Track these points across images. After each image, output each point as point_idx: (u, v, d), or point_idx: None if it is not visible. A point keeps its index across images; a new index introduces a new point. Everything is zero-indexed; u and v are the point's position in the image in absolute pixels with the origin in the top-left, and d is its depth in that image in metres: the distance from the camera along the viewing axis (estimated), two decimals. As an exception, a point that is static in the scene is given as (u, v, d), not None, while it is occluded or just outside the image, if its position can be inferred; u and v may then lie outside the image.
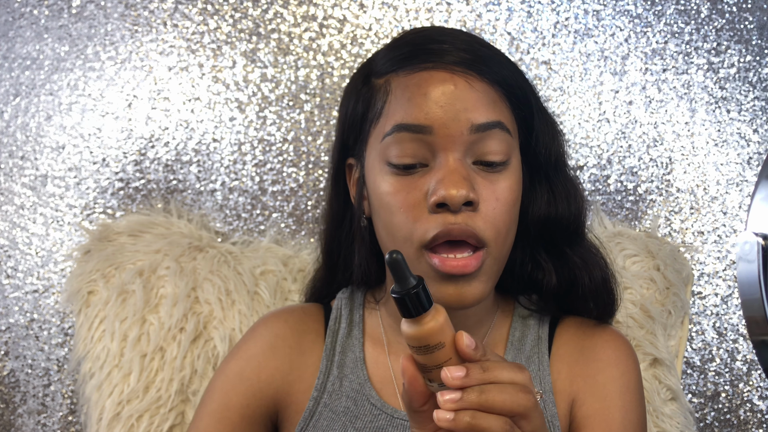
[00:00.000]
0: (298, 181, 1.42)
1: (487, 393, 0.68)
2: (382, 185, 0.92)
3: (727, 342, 1.40)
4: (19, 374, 1.43)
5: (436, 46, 0.93)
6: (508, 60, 0.96)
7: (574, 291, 1.00)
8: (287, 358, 1.01)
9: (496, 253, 0.91)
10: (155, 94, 1.43)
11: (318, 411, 0.97)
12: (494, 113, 0.90)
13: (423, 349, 0.68)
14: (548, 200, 0.98)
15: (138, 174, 1.43)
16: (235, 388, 0.99)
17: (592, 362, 0.98)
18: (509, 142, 0.91)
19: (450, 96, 0.89)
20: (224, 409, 0.98)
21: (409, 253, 0.90)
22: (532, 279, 1.00)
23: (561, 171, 0.99)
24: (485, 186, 0.90)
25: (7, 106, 1.44)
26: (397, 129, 0.90)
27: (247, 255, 1.31)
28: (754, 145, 1.40)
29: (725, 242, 1.41)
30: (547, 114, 0.99)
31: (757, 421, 1.40)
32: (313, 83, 1.42)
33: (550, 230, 0.98)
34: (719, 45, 1.41)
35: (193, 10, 1.43)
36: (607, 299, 1.02)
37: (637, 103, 1.41)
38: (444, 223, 0.87)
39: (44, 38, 1.43)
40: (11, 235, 1.43)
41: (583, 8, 1.41)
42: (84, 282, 1.27)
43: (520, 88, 0.94)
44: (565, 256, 0.99)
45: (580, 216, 1.00)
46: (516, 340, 1.00)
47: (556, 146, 0.98)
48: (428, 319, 0.67)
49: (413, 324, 0.67)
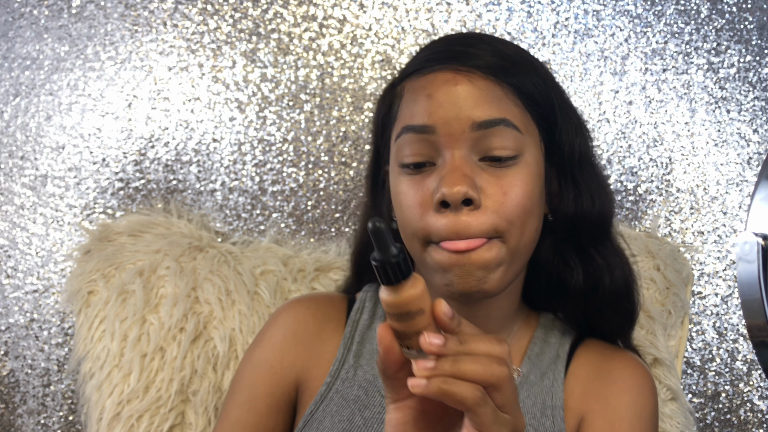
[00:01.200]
0: (298, 181, 1.42)
1: (461, 362, 0.68)
2: (398, 186, 0.94)
3: (727, 342, 1.40)
4: (19, 374, 1.43)
5: (447, 48, 0.95)
6: (525, 56, 0.97)
7: (595, 293, 1.00)
8: (308, 344, 1.03)
9: (509, 243, 0.90)
10: (155, 94, 1.43)
11: (329, 396, 0.99)
12: (498, 110, 0.91)
13: (402, 316, 0.69)
14: (574, 197, 0.98)
15: (138, 174, 1.43)
16: (262, 377, 1.02)
17: (607, 385, 0.98)
18: (517, 138, 0.91)
19: (452, 95, 0.91)
20: (252, 398, 1.01)
21: (416, 248, 0.92)
22: (560, 279, 1.00)
23: (586, 168, 0.99)
24: (492, 182, 0.90)
25: (7, 106, 1.44)
26: (404, 131, 0.93)
27: (247, 255, 1.31)
28: (754, 145, 1.40)
29: (725, 242, 1.41)
30: (572, 110, 0.99)
31: (758, 421, 1.40)
32: (313, 83, 1.42)
33: (576, 228, 0.98)
34: (719, 45, 1.41)
35: (193, 10, 1.43)
36: (627, 304, 1.01)
37: (637, 103, 1.41)
38: (447, 224, 0.88)
39: (44, 38, 1.43)
40: (11, 235, 1.43)
41: (583, 8, 1.41)
42: (84, 282, 1.27)
43: (535, 84, 0.94)
44: (590, 254, 0.99)
45: (605, 214, 1.00)
46: (534, 355, 1.00)
47: (580, 143, 0.98)
48: (408, 287, 0.68)
49: (393, 291, 0.68)
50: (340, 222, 1.43)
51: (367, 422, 0.95)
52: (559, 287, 1.01)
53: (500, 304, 0.98)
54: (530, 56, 0.99)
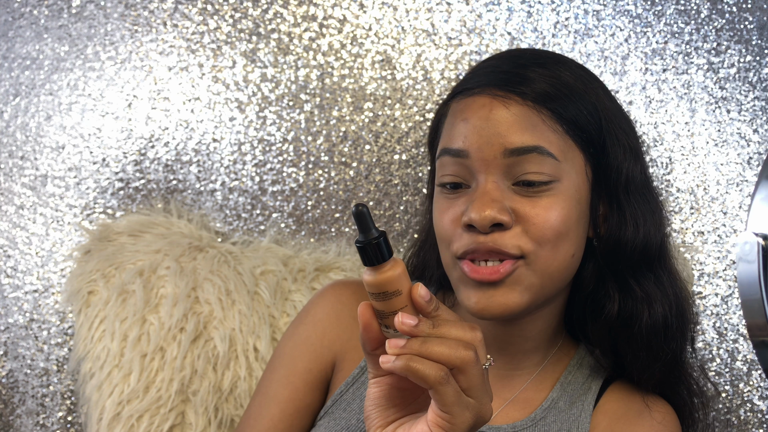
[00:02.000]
0: (298, 181, 1.42)
1: (429, 342, 0.72)
2: (436, 202, 0.97)
3: (727, 342, 1.40)
4: (18, 374, 1.42)
5: (493, 69, 0.97)
6: (580, 79, 0.96)
7: (629, 326, 0.97)
8: (348, 327, 1.05)
9: (537, 266, 0.91)
10: (155, 94, 1.43)
11: (361, 380, 1.01)
12: (531, 137, 0.91)
13: (381, 296, 0.73)
14: (618, 223, 0.96)
15: (138, 174, 1.43)
16: (302, 353, 1.04)
17: (634, 425, 0.97)
18: (553, 165, 0.91)
19: (486, 121, 0.92)
20: (290, 374, 1.04)
21: (448, 261, 0.95)
22: (597, 306, 0.99)
23: (635, 193, 0.98)
24: (526, 204, 0.91)
25: (7, 106, 1.43)
26: (442, 152, 0.96)
27: (247, 255, 1.31)
28: (754, 145, 1.40)
29: (725, 242, 1.41)
30: (623, 133, 0.98)
31: (758, 421, 1.40)
32: (313, 83, 1.42)
33: (617, 255, 0.97)
34: (719, 45, 1.41)
35: (193, 10, 1.43)
36: (664, 346, 0.97)
37: (637, 103, 1.41)
38: (471, 242, 0.90)
39: (44, 38, 1.43)
40: (11, 235, 1.43)
41: (583, 8, 1.41)
42: (84, 282, 1.27)
43: (579, 109, 0.94)
44: (628, 286, 0.97)
45: (650, 244, 0.97)
46: (567, 382, 1.00)
47: (629, 167, 0.97)
48: (387, 268, 0.73)
49: (373, 272, 0.73)
50: (340, 222, 1.43)
51: None
52: (595, 314, 0.99)
53: (536, 325, 0.98)
54: (586, 78, 0.97)
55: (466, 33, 1.42)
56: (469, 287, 0.91)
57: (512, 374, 1.00)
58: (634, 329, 0.97)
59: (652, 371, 0.99)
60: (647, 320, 0.97)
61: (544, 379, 1.00)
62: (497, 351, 0.99)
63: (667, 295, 0.99)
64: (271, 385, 1.04)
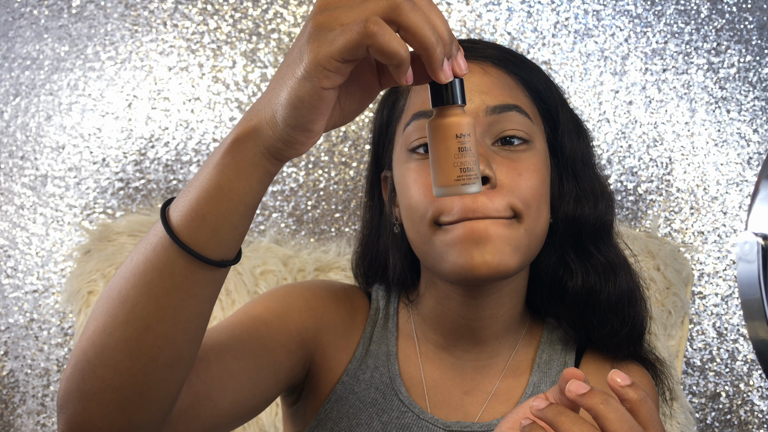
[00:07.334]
0: (298, 181, 1.42)
1: (564, 416, 0.67)
2: (405, 174, 0.93)
3: (727, 342, 1.40)
4: (18, 374, 1.43)
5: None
6: (527, 58, 0.99)
7: (596, 298, 0.98)
8: (342, 321, 1.00)
9: (527, 226, 0.90)
10: (155, 94, 1.43)
11: (345, 396, 0.96)
12: (510, 97, 0.92)
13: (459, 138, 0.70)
14: (576, 197, 0.97)
15: (138, 174, 1.43)
16: (299, 307, 0.96)
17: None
18: (529, 125, 0.92)
19: (465, 80, 0.90)
20: (286, 310, 0.94)
21: (424, 233, 0.90)
22: (560, 283, 0.99)
23: (588, 169, 0.99)
24: (506, 164, 0.90)
25: (7, 106, 1.44)
26: (415, 117, 0.92)
27: (247, 255, 1.31)
28: (754, 145, 1.40)
29: (725, 242, 1.41)
30: (572, 113, 1.00)
31: (758, 421, 1.40)
32: (313, 83, 1.43)
33: (578, 228, 0.98)
34: (719, 45, 1.41)
35: (193, 10, 1.43)
36: (630, 312, 0.99)
37: (637, 103, 1.41)
38: (463, 203, 0.87)
39: (44, 38, 1.43)
40: (11, 235, 1.43)
41: (583, 8, 1.41)
42: (84, 282, 1.27)
43: (540, 81, 0.96)
44: (591, 257, 0.98)
45: (606, 217, 0.99)
46: (543, 362, 1.00)
47: (582, 145, 0.99)
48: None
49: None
50: (340, 222, 1.43)
51: (386, 426, 0.94)
52: (560, 292, 1.00)
53: (505, 303, 0.97)
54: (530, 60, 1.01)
55: (466, 33, 1.42)
56: (462, 247, 0.87)
57: (489, 363, 0.99)
58: (601, 297, 0.98)
59: (620, 336, 1.00)
60: (612, 287, 0.98)
61: (519, 363, 1.00)
62: (471, 340, 0.98)
63: (627, 263, 1.01)
64: (258, 306, 0.92)
